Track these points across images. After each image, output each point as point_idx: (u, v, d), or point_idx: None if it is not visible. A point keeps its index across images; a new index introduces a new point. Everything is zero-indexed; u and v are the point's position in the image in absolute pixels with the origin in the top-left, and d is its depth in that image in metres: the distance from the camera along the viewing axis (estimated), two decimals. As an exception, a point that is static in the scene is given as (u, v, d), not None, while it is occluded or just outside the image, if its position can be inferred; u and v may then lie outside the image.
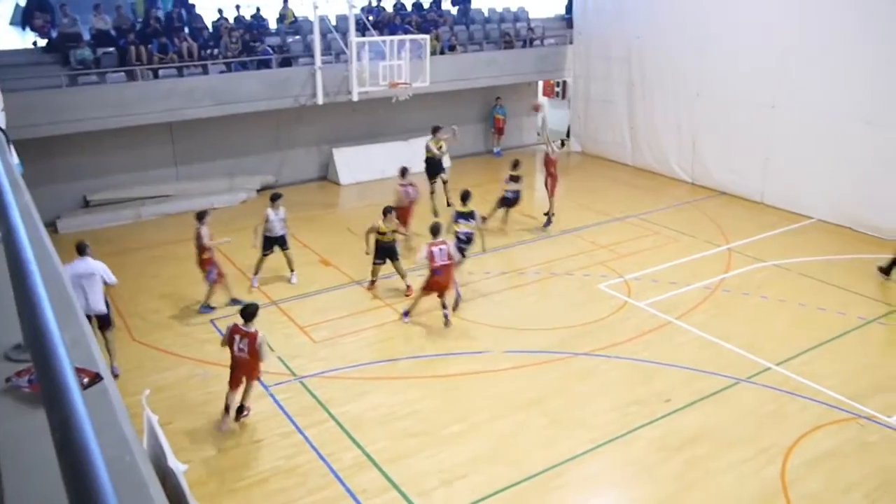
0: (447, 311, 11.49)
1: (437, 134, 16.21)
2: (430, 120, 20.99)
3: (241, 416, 9.00)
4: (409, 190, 14.35)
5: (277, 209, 12.69)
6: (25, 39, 17.47)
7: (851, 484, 7.88)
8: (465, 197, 12.70)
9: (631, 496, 7.88)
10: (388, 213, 12.44)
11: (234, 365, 8.77)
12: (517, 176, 15.18)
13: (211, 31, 18.27)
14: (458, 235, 12.52)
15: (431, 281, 11.37)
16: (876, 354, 10.67)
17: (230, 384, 8.85)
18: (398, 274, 12.64)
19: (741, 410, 9.24)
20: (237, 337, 8.60)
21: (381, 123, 20.40)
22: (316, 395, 9.65)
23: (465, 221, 12.63)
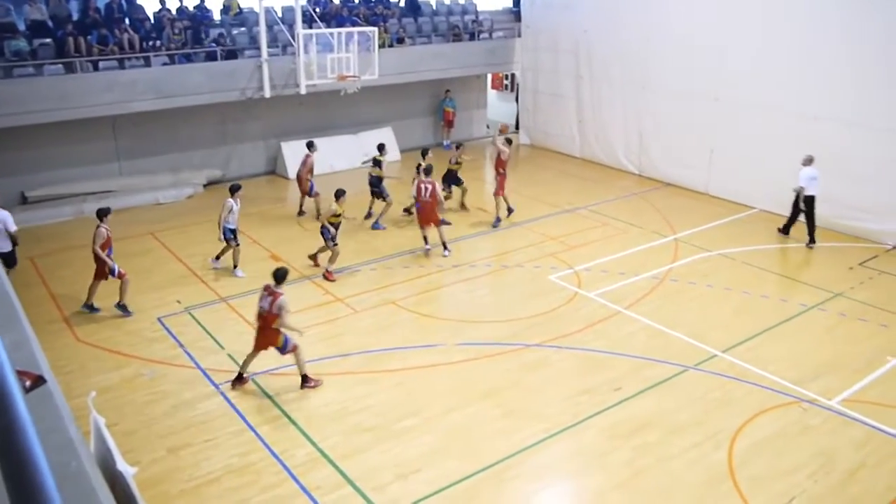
0: (429, 246, 13.90)
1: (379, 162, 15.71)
2: (379, 113, 21.04)
3: (306, 384, 9.52)
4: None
5: (237, 200, 12.94)
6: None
7: (795, 465, 8.12)
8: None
9: (584, 484, 7.99)
10: (340, 196, 12.97)
11: (257, 327, 9.42)
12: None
13: (153, 22, 17.84)
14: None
15: (418, 210, 14.02)
16: (817, 340, 11.00)
17: (254, 347, 9.47)
18: (322, 251, 13.24)
19: (689, 397, 9.44)
20: (264, 294, 9.29)
21: (329, 116, 20.24)
22: (268, 392, 9.55)
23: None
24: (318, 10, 19.45)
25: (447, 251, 13.98)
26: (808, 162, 14.24)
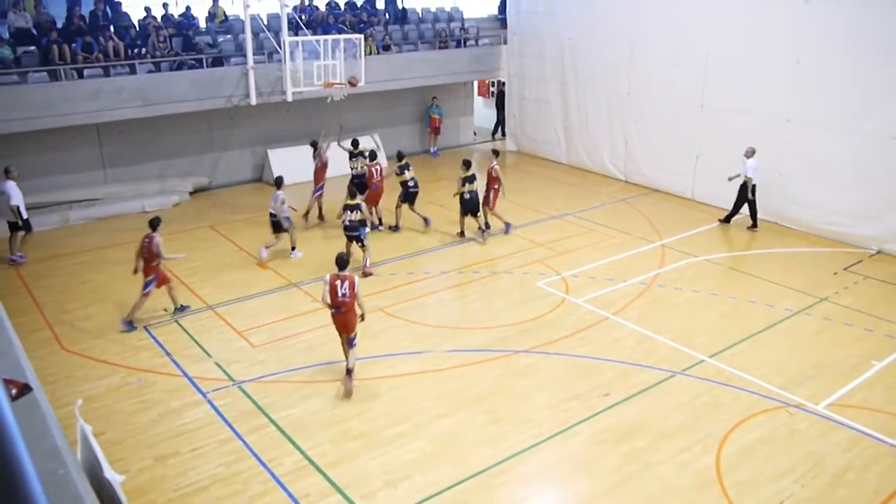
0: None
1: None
2: (366, 120, 20.99)
3: (349, 378, 9.64)
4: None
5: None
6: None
7: (783, 469, 8.16)
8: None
9: (573, 490, 7.99)
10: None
11: (335, 317, 9.58)
12: (471, 176, 14.83)
13: (138, 29, 17.77)
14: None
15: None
16: (803, 345, 11.06)
17: (342, 335, 9.73)
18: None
19: (677, 402, 9.47)
20: (339, 283, 9.40)
21: (316, 124, 20.18)
22: (255, 399, 9.49)
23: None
24: (304, 17, 19.45)
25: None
26: (751, 154, 15.33)
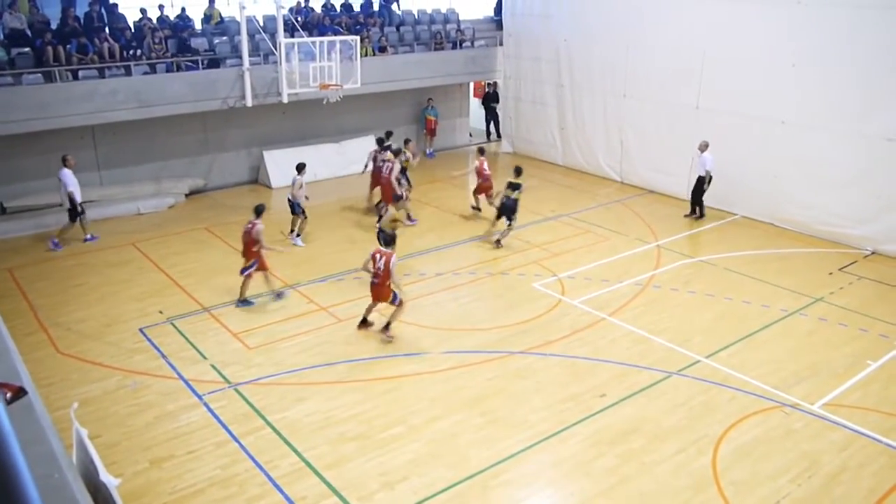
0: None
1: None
2: (361, 121, 21.00)
3: (385, 332, 10.86)
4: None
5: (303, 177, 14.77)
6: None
7: (779, 469, 8.18)
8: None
9: (569, 491, 7.99)
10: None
11: (371, 285, 10.79)
12: (517, 183, 14.78)
13: (133, 31, 17.73)
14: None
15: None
16: (798, 345, 11.09)
17: (372, 300, 11.00)
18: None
19: (673, 403, 9.48)
20: (378, 256, 10.62)
21: (312, 125, 20.20)
22: (251, 402, 9.48)
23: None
24: (300, 19, 19.43)
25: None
26: (705, 147, 15.95)
